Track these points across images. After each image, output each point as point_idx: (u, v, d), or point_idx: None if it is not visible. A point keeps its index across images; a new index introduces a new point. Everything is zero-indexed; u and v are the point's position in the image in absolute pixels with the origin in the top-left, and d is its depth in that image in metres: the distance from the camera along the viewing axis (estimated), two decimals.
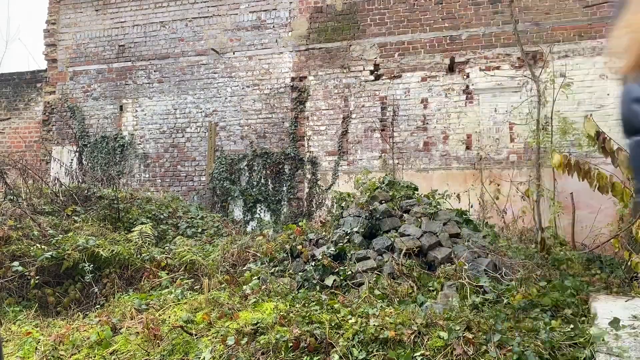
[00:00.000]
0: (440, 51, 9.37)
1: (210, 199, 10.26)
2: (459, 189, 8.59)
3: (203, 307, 4.52)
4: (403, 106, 9.50)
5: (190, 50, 10.92)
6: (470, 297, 4.41)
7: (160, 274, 5.69)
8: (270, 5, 10.49)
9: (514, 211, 8.15)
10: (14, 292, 5.57)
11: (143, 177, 10.93)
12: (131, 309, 4.67)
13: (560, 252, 5.89)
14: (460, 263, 5.02)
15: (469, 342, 3.45)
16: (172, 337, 3.97)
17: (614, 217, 7.96)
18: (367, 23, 9.83)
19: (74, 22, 11.83)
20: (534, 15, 8.91)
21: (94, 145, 11.24)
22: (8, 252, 5.73)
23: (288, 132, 10.07)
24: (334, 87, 9.92)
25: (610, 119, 8.41)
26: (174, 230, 7.80)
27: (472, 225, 6.22)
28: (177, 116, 10.87)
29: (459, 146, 9.12)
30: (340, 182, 9.63)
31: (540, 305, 4.25)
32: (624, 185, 3.61)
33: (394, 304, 4.46)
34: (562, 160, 3.68)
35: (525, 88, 8.78)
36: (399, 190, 6.58)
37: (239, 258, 6.18)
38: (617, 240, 3.85)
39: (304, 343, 3.63)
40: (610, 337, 3.37)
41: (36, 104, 12.02)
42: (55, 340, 4.16)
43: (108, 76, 11.43)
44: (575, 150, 8.17)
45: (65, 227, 6.62)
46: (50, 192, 7.74)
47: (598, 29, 8.62)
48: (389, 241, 5.65)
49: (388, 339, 3.57)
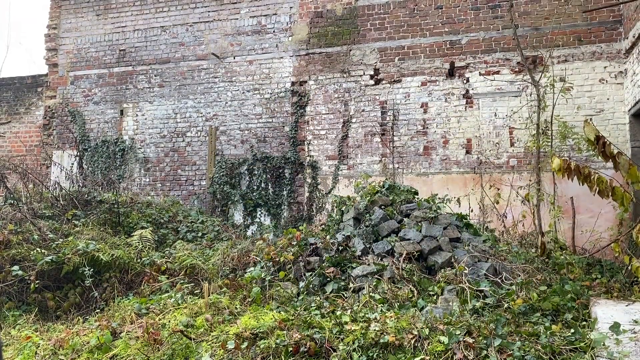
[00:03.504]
0: (440, 56, 9.40)
1: (210, 203, 10.26)
2: (459, 193, 8.60)
3: (203, 311, 4.51)
4: (403, 111, 9.52)
5: (191, 54, 10.95)
6: (471, 302, 4.40)
7: (161, 278, 5.68)
8: (271, 10, 10.53)
9: (514, 215, 8.15)
10: (13, 296, 5.57)
11: (143, 181, 10.94)
12: (131, 313, 4.67)
13: (560, 257, 5.88)
14: (461, 267, 5.01)
15: (470, 347, 3.45)
16: (172, 342, 3.96)
17: (614, 221, 7.96)
18: (367, 28, 9.87)
19: (75, 26, 11.87)
20: (534, 20, 8.94)
21: (94, 150, 11.26)
22: (8, 256, 5.73)
23: (288, 136, 10.08)
24: (334, 91, 9.94)
25: (610, 123, 8.43)
26: (174, 234, 7.79)
27: (472, 230, 6.21)
28: (178, 120, 10.89)
29: (459, 150, 9.13)
30: (341, 186, 9.64)
31: (540, 309, 4.24)
32: (624, 190, 3.61)
33: (395, 308, 4.46)
34: (562, 165, 3.68)
35: (525, 92, 8.80)
36: (399, 195, 6.58)
37: (239, 262, 6.18)
38: (618, 244, 3.85)
39: (304, 347, 3.63)
40: (610, 342, 3.37)
41: (37, 108, 12.04)
42: (55, 344, 4.16)
43: (109, 80, 11.46)
44: (575, 154, 8.18)
45: (66, 231, 6.62)
46: (50, 196, 7.75)
47: (597, 33, 8.65)
48: (389, 245, 5.65)
49: (388, 344, 3.57)
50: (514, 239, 7.28)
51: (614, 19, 8.55)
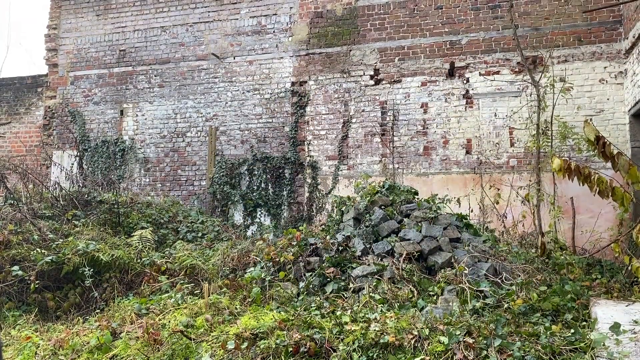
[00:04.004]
0: (440, 56, 9.40)
1: (210, 203, 10.26)
2: (459, 193, 8.60)
3: (203, 311, 4.51)
4: (403, 111, 9.52)
5: (191, 55, 10.95)
6: (471, 302, 4.40)
7: (161, 279, 5.68)
8: (271, 11, 10.53)
9: (514, 215, 8.15)
10: (13, 297, 5.57)
11: (143, 181, 10.94)
12: (131, 314, 4.67)
13: (560, 257, 5.88)
14: (461, 267, 5.01)
15: (470, 347, 3.45)
16: (172, 342, 3.96)
17: (614, 221, 7.96)
18: (367, 28, 9.87)
19: (75, 27, 11.87)
20: (534, 20, 8.94)
21: (94, 150, 11.26)
22: (8, 256, 5.73)
23: (288, 136, 10.08)
24: (334, 91, 9.94)
25: (610, 123, 8.43)
26: (174, 234, 7.79)
27: (473, 230, 6.21)
28: (178, 121, 10.89)
29: (459, 150, 9.13)
30: (341, 187, 9.64)
31: (540, 309, 4.24)
32: (624, 190, 3.61)
33: (395, 308, 4.46)
34: (562, 165, 3.68)
35: (525, 93, 8.80)
36: (399, 195, 6.58)
37: (239, 262, 6.17)
38: (618, 244, 3.85)
39: (304, 348, 3.63)
40: (610, 342, 3.37)
41: (37, 108, 12.04)
42: (55, 344, 4.16)
43: (109, 81, 11.46)
44: (575, 154, 8.18)
45: (66, 232, 6.61)
46: (50, 196, 7.74)
47: (597, 33, 8.65)
48: (389, 246, 5.65)
49: (388, 344, 3.57)
50: (514, 239, 7.28)
51: (614, 19, 8.55)
